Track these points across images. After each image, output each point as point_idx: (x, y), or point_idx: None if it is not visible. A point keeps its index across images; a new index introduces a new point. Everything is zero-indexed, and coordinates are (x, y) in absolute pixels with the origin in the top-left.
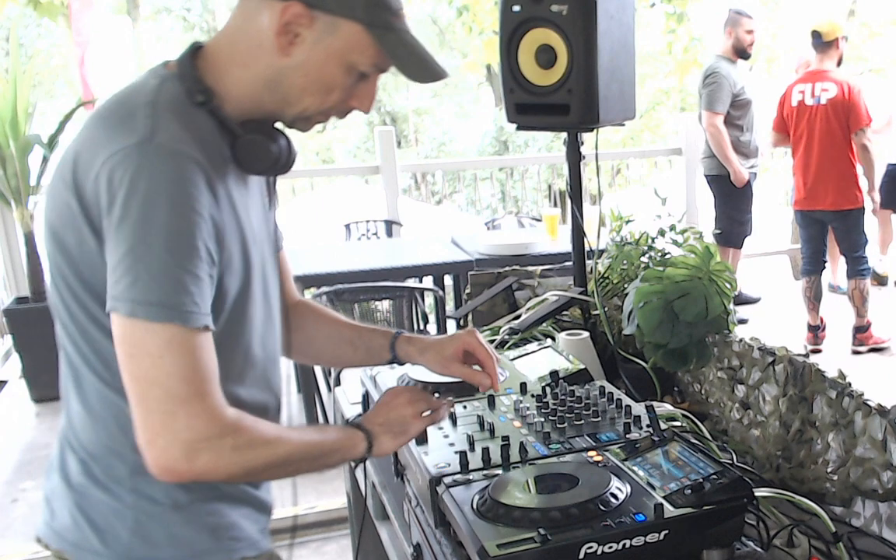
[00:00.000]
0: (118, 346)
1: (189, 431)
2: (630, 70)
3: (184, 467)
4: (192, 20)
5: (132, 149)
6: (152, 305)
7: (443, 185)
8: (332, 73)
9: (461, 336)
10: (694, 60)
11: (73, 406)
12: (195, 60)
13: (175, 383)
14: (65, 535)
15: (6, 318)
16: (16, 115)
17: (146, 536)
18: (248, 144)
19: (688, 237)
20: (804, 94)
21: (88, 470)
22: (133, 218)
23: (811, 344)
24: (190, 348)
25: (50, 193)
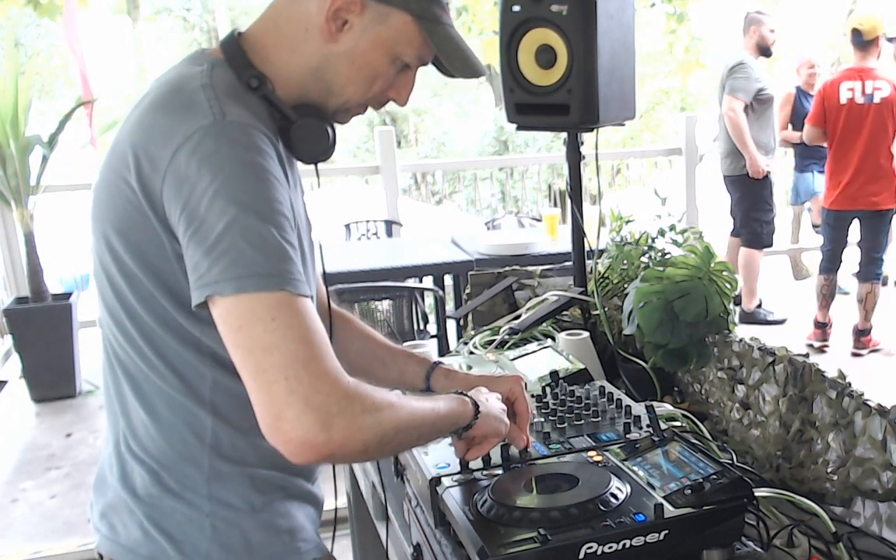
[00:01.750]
0: (223, 329)
1: (318, 395)
2: (630, 70)
3: (321, 438)
4: (193, 20)
5: (207, 129)
6: (260, 276)
7: (443, 185)
8: (378, 62)
9: (508, 381)
10: (696, 61)
11: (134, 416)
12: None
13: (293, 344)
14: (136, 549)
15: (6, 318)
16: (16, 115)
17: (224, 543)
18: (307, 128)
19: (688, 237)
20: (854, 91)
21: (159, 480)
22: (222, 196)
23: (819, 340)
24: (300, 310)
25: (105, 194)
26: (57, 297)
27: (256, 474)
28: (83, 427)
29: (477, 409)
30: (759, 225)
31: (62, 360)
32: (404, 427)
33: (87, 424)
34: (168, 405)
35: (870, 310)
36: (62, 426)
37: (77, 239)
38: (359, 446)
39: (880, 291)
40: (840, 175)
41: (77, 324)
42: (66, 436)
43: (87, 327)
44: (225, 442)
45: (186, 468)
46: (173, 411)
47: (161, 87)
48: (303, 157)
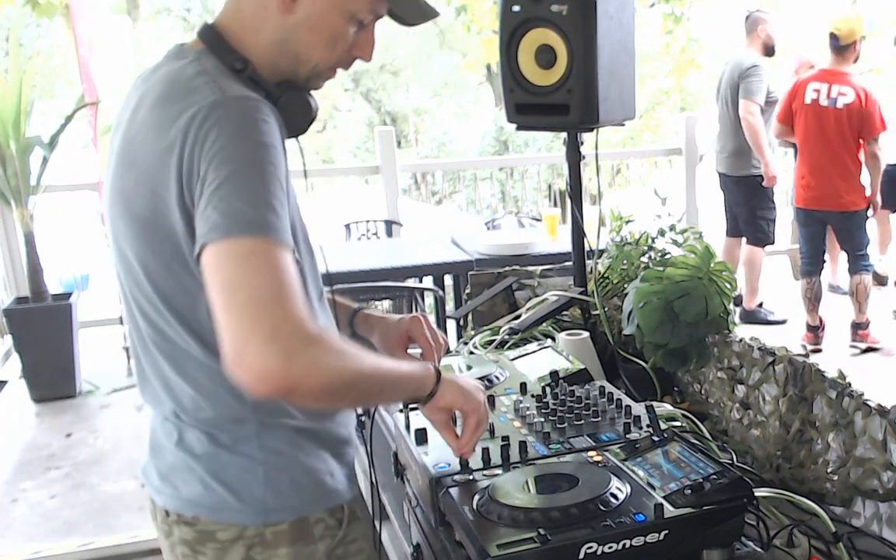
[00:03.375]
0: (206, 277)
1: (282, 331)
2: (630, 70)
3: (282, 369)
4: (193, 20)
5: (210, 106)
6: (240, 222)
7: (443, 185)
8: (336, 24)
9: (406, 322)
10: (691, 61)
11: (181, 392)
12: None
13: (262, 282)
14: (199, 501)
15: (6, 318)
16: (17, 115)
17: (276, 488)
18: (292, 102)
19: (688, 237)
20: (819, 93)
21: (214, 438)
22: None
23: (811, 344)
24: (275, 256)
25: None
26: (57, 297)
27: (297, 424)
28: (83, 427)
29: (439, 377)
30: (765, 223)
31: (62, 360)
32: (366, 377)
33: (87, 424)
34: (209, 377)
35: (862, 301)
36: (62, 426)
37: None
38: (318, 385)
39: (871, 282)
40: (804, 174)
41: (77, 324)
42: (66, 436)
43: (87, 327)
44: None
45: (236, 427)
46: (214, 381)
47: (156, 85)
48: (294, 129)
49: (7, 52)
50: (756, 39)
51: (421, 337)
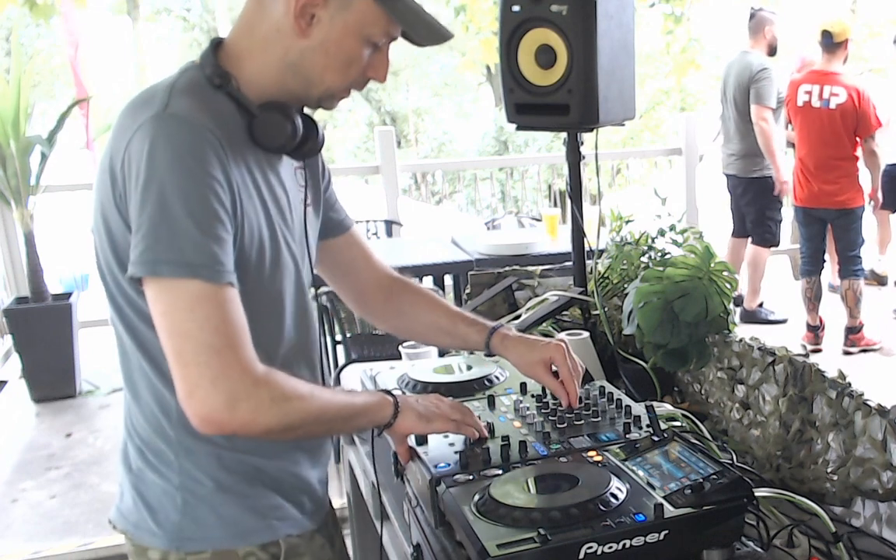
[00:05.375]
0: (152, 309)
1: (226, 380)
2: (630, 70)
3: (225, 417)
4: (193, 20)
5: (148, 121)
6: (171, 263)
7: (443, 185)
8: (350, 47)
9: (550, 347)
10: (692, 61)
11: (127, 395)
12: (217, 52)
13: (208, 335)
14: (127, 516)
15: (6, 318)
16: (17, 115)
17: (194, 516)
18: (263, 121)
19: (688, 237)
20: (811, 95)
21: (143, 455)
22: (150, 182)
23: (811, 344)
24: (218, 302)
25: (95, 195)
26: (57, 297)
27: (224, 454)
28: (83, 427)
29: (396, 408)
30: (773, 224)
31: (62, 360)
32: (312, 419)
33: (87, 424)
34: (144, 384)
35: (852, 306)
36: (62, 426)
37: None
38: (261, 429)
39: (861, 288)
40: (805, 174)
41: (77, 324)
42: (66, 436)
43: (87, 327)
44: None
45: (160, 444)
46: (147, 389)
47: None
48: (265, 147)
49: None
50: (762, 40)
51: (562, 365)
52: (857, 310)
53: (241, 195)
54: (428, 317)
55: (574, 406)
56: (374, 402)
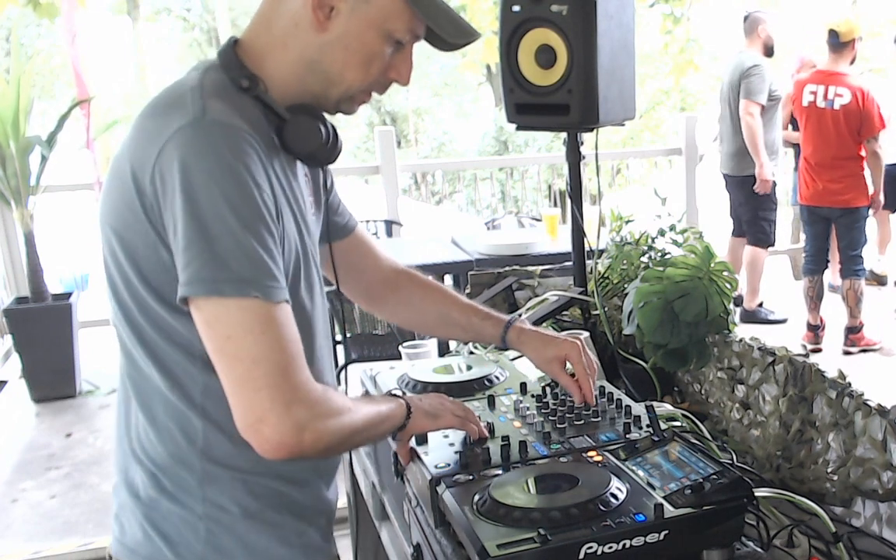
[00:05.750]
0: (208, 332)
1: (296, 403)
2: (630, 70)
3: (295, 440)
4: (193, 20)
5: (186, 128)
6: (235, 282)
7: (443, 185)
8: (371, 42)
9: (566, 345)
10: (691, 61)
11: (137, 419)
12: (236, 51)
13: (278, 357)
14: (137, 549)
15: (6, 318)
16: (16, 115)
17: (219, 546)
18: (297, 125)
19: (688, 237)
20: (816, 95)
21: (157, 482)
22: (197, 196)
23: (811, 343)
24: (282, 321)
25: (107, 200)
26: (57, 297)
27: (250, 480)
28: (83, 427)
29: (409, 410)
30: (767, 224)
31: (62, 360)
32: (359, 429)
33: (87, 424)
34: (164, 408)
35: (853, 306)
36: (62, 426)
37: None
38: (323, 448)
39: (862, 287)
40: (811, 173)
41: (77, 324)
42: (66, 436)
43: (87, 327)
44: (216, 446)
45: (180, 471)
46: (168, 414)
47: (159, 93)
48: (297, 153)
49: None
50: (756, 40)
51: (577, 363)
52: (857, 310)
53: (280, 205)
54: (439, 309)
55: (590, 404)
56: (393, 406)
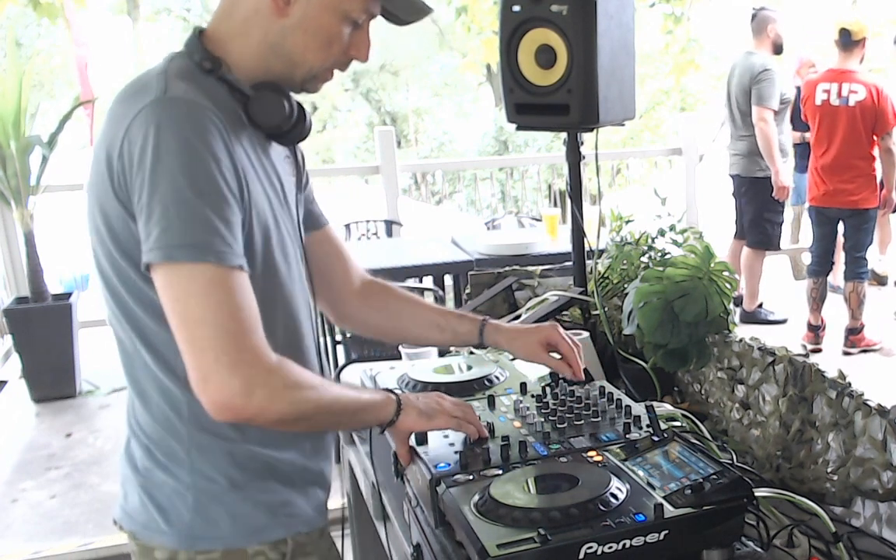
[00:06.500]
0: (163, 297)
1: (243, 366)
2: (630, 70)
3: (240, 402)
4: (192, 20)
5: (148, 106)
6: (186, 247)
7: (443, 185)
8: (330, 25)
9: (545, 329)
10: (691, 61)
11: (131, 393)
12: (200, 39)
13: (223, 319)
14: (134, 516)
15: (6, 318)
16: (17, 115)
17: (206, 515)
18: (261, 100)
19: (688, 237)
20: (829, 93)
21: (150, 454)
22: (158, 166)
23: (812, 343)
24: (231, 286)
25: (90, 187)
26: (57, 297)
27: (236, 448)
28: (83, 427)
29: (399, 406)
30: (771, 226)
31: (62, 360)
32: (323, 409)
33: (87, 424)
34: (150, 381)
35: (855, 308)
36: (62, 426)
37: (77, 239)
38: (275, 416)
39: (865, 290)
40: (818, 173)
41: (77, 324)
42: (66, 436)
43: (87, 327)
44: (202, 415)
45: (170, 442)
46: (154, 387)
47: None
48: (263, 127)
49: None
50: (765, 40)
51: (561, 342)
52: (859, 311)
53: (247, 178)
54: (414, 312)
55: (580, 378)
56: (379, 399)
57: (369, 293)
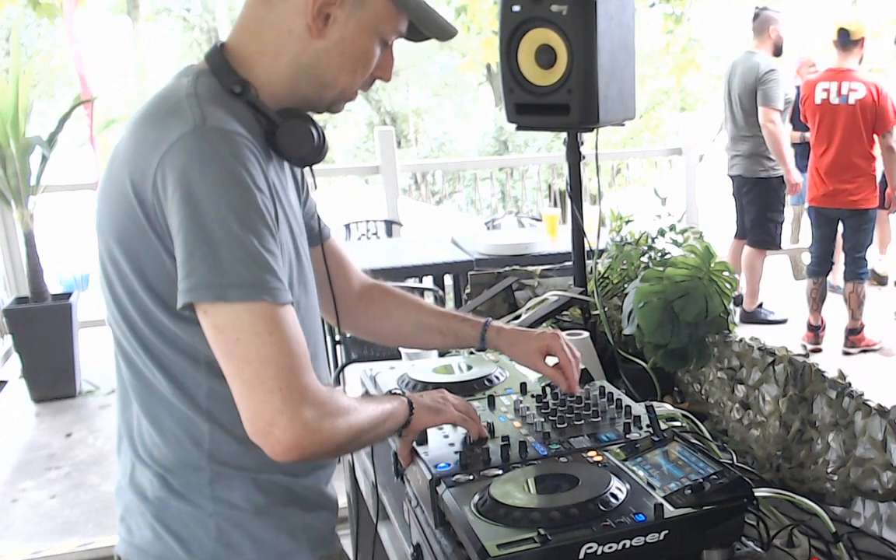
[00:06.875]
0: (217, 336)
1: (306, 405)
2: (630, 70)
3: (307, 441)
4: (192, 20)
5: (188, 136)
6: (241, 286)
7: (443, 185)
8: (365, 46)
9: (546, 337)
10: (691, 61)
11: (140, 423)
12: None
13: (287, 358)
14: (147, 549)
15: (6, 318)
16: (16, 115)
17: (229, 542)
18: (291, 130)
19: (688, 237)
20: (829, 92)
21: (166, 483)
22: (201, 202)
23: (811, 343)
24: (288, 323)
25: (105, 207)
26: (57, 297)
27: (258, 478)
28: (83, 427)
29: (411, 407)
30: (774, 226)
31: (62, 360)
32: (365, 429)
33: (87, 424)
34: (168, 413)
35: (855, 308)
36: (62, 426)
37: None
38: (332, 447)
39: (865, 291)
40: (821, 173)
41: (77, 324)
42: (66, 436)
43: (87, 327)
44: (223, 448)
45: (188, 473)
46: (173, 419)
47: (151, 100)
48: (291, 159)
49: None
50: (767, 40)
51: (561, 352)
52: (859, 312)
53: (278, 208)
54: (415, 317)
55: (575, 392)
56: (396, 404)
57: (370, 299)
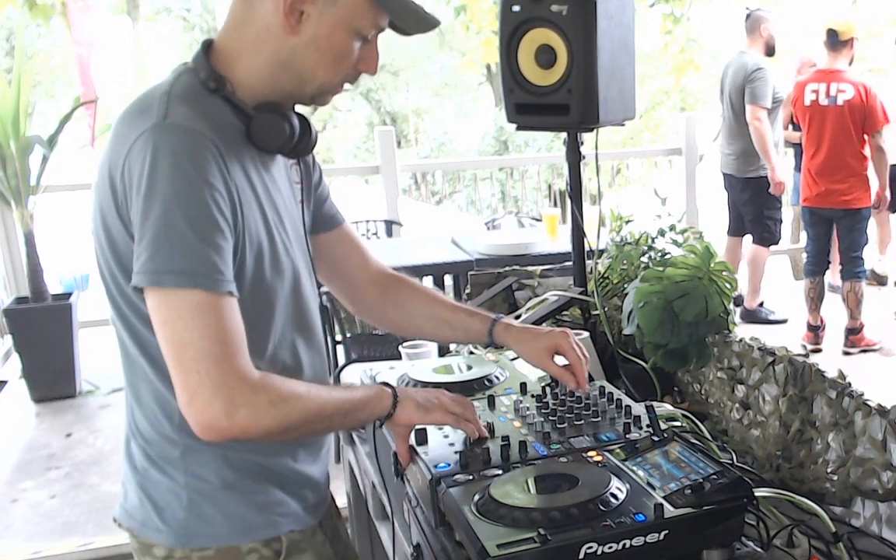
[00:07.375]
0: (154, 318)
1: (225, 387)
2: (630, 70)
3: (224, 423)
4: (192, 20)
5: (149, 131)
6: (176, 273)
7: (443, 185)
8: (341, 41)
9: (555, 335)
10: (691, 61)
11: (129, 395)
12: (208, 54)
13: (207, 343)
14: (133, 514)
15: (6, 318)
16: (16, 115)
17: (200, 514)
18: (261, 122)
19: (688, 237)
20: (818, 93)
21: (147, 454)
22: (152, 192)
23: (811, 343)
24: (218, 311)
25: (94, 201)
26: (57, 297)
27: (228, 454)
28: (83, 427)
29: (395, 399)
30: (772, 223)
31: (62, 360)
32: (312, 417)
33: (87, 424)
34: (146, 387)
35: (853, 308)
36: (62, 426)
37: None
38: (261, 432)
39: (863, 289)
40: (813, 174)
41: (77, 324)
42: (66, 436)
43: (87, 327)
44: None
45: (165, 445)
46: (149, 393)
47: (136, 97)
48: (267, 150)
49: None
50: (758, 39)
51: (569, 351)
52: (857, 311)
53: (242, 203)
54: (428, 309)
55: (584, 390)
56: (373, 394)
57: (385, 288)
